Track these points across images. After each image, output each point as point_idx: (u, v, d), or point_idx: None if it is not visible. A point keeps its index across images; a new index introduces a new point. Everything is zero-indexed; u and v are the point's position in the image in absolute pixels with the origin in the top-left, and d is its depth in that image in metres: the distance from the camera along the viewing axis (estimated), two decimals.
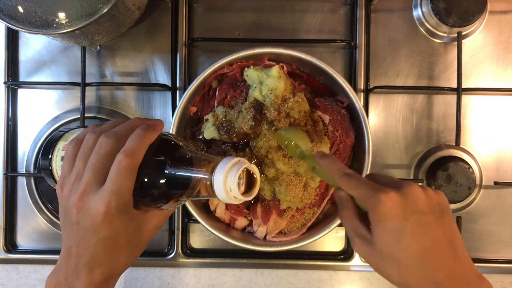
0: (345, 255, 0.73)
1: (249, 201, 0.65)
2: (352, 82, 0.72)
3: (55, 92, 0.75)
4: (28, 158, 0.74)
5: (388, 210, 0.43)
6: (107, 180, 0.42)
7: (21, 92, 0.75)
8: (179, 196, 0.43)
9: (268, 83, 0.61)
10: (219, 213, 0.66)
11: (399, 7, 0.74)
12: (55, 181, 0.55)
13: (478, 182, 0.73)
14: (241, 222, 0.66)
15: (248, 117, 0.60)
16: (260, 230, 0.65)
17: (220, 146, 0.62)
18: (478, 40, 0.74)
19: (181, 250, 0.72)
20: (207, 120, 0.63)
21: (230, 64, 0.64)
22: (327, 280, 0.74)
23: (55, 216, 0.74)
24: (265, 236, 0.66)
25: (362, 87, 0.72)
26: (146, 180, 0.43)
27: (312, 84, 0.68)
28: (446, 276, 0.43)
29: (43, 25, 0.58)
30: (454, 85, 0.71)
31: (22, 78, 0.75)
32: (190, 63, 0.73)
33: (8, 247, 0.73)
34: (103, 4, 0.58)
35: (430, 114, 0.74)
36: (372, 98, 0.73)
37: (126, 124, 0.46)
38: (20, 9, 0.57)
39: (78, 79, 0.71)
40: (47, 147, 0.55)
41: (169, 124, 0.63)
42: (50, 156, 0.54)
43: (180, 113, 0.63)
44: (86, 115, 0.72)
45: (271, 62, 0.64)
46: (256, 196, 0.64)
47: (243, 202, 0.64)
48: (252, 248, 0.62)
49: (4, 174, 0.73)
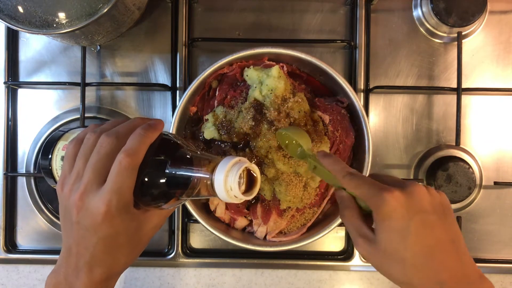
0: (345, 255, 0.73)
1: (249, 201, 0.65)
2: (352, 82, 0.72)
3: (55, 92, 0.75)
4: (28, 158, 0.74)
5: (393, 209, 0.43)
6: (108, 179, 0.42)
7: (21, 92, 0.75)
8: (179, 195, 0.43)
9: (268, 83, 0.61)
10: (219, 213, 0.66)
11: (399, 7, 0.74)
12: (55, 181, 0.55)
13: (478, 182, 0.73)
14: (241, 222, 0.66)
15: (248, 117, 0.60)
16: (260, 230, 0.65)
17: (220, 146, 0.62)
18: (478, 40, 0.74)
19: (181, 250, 0.72)
20: (207, 120, 0.63)
21: (230, 64, 0.64)
22: (327, 280, 0.74)
23: (55, 216, 0.74)
24: (265, 236, 0.66)
25: (362, 87, 0.72)
26: (147, 179, 0.43)
27: (312, 84, 0.68)
28: (449, 275, 0.43)
29: (43, 25, 0.58)
30: (454, 85, 0.71)
31: (22, 78, 0.75)
32: (190, 63, 0.73)
33: (8, 247, 0.73)
34: (103, 4, 0.58)
35: (430, 114, 0.74)
36: (372, 98, 0.73)
37: (126, 124, 0.46)
38: (20, 9, 0.57)
39: (78, 79, 0.71)
40: (47, 147, 0.55)
41: (169, 124, 0.63)
42: (50, 156, 0.54)
43: (180, 113, 0.63)
44: (86, 115, 0.72)
45: (271, 62, 0.64)
46: (256, 196, 0.64)
47: (243, 202, 0.64)
48: (252, 248, 0.62)
49: (4, 174, 0.73)
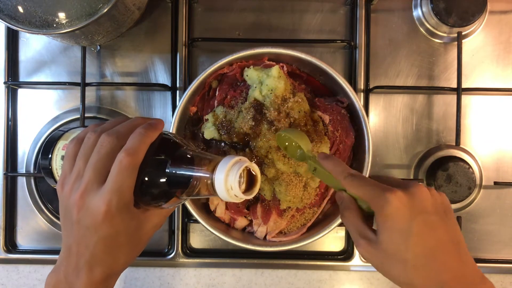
0: (345, 255, 0.73)
1: (249, 201, 0.65)
2: (352, 82, 0.72)
3: (55, 92, 0.75)
4: (28, 158, 0.74)
5: (395, 210, 0.43)
6: (108, 178, 0.42)
7: (21, 92, 0.75)
8: (179, 194, 0.43)
9: (268, 83, 0.61)
10: (219, 213, 0.66)
11: (399, 7, 0.74)
12: (55, 180, 0.55)
13: (478, 182, 0.73)
14: (241, 222, 0.66)
15: (248, 117, 0.60)
16: (260, 230, 0.65)
17: (220, 146, 0.62)
18: (478, 40, 0.74)
19: (181, 250, 0.72)
20: (207, 120, 0.63)
21: (230, 64, 0.64)
22: (327, 280, 0.74)
23: (55, 216, 0.74)
24: (265, 236, 0.65)
25: (362, 87, 0.72)
26: (147, 179, 0.43)
27: (312, 84, 0.68)
28: (451, 276, 0.43)
29: (43, 25, 0.58)
30: (454, 85, 0.71)
31: (22, 78, 0.75)
32: (190, 63, 0.73)
33: (8, 247, 0.73)
34: (103, 4, 0.58)
35: (430, 114, 0.74)
36: (372, 98, 0.73)
37: (127, 123, 0.46)
38: (20, 9, 0.57)
39: (78, 79, 0.71)
40: (47, 146, 0.54)
41: (169, 124, 0.63)
42: (50, 156, 0.54)
43: (180, 113, 0.63)
44: (86, 115, 0.72)
45: (271, 62, 0.64)
46: (256, 196, 0.64)
47: (243, 202, 0.64)
48: (252, 248, 0.62)
49: (4, 174, 0.73)
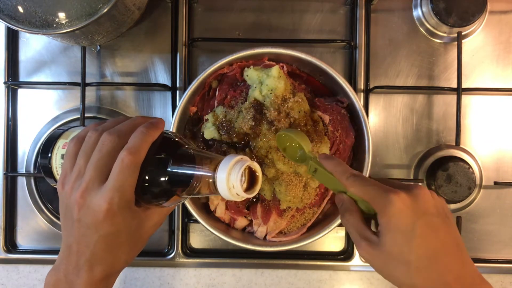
0: (345, 255, 0.73)
1: (249, 200, 0.65)
2: (352, 82, 0.72)
3: (55, 92, 0.75)
4: (28, 158, 0.74)
5: (399, 211, 0.43)
6: (110, 177, 0.42)
7: (21, 92, 0.75)
8: (180, 193, 0.43)
9: (268, 83, 0.61)
10: (219, 213, 0.66)
11: (399, 7, 0.74)
12: (54, 179, 0.55)
13: (478, 182, 0.73)
14: (241, 222, 0.66)
15: (248, 117, 0.60)
16: (260, 230, 0.65)
17: (220, 146, 0.62)
18: (478, 40, 0.74)
19: (181, 250, 0.72)
20: (207, 120, 0.63)
21: (230, 64, 0.64)
22: (327, 280, 0.74)
23: (55, 216, 0.74)
24: (265, 236, 0.66)
25: (362, 87, 0.72)
26: (149, 177, 0.43)
27: (312, 84, 0.68)
28: (453, 278, 0.43)
29: (43, 25, 0.58)
30: (454, 85, 0.71)
31: (22, 78, 0.75)
32: (190, 63, 0.73)
33: (8, 247, 0.73)
34: (103, 4, 0.58)
35: (430, 114, 0.74)
36: (372, 98, 0.73)
37: (128, 122, 0.46)
38: (20, 9, 0.57)
39: (78, 79, 0.71)
40: (47, 145, 0.54)
41: (169, 124, 0.63)
42: (49, 154, 0.53)
43: (180, 113, 0.63)
44: (86, 115, 0.72)
45: (271, 62, 0.64)
46: (256, 196, 0.64)
47: (243, 202, 0.64)
48: (252, 248, 0.62)
49: (4, 174, 0.73)
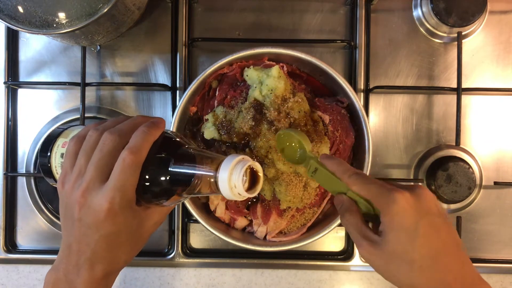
0: (345, 255, 0.73)
1: (249, 200, 0.65)
2: (352, 82, 0.72)
3: (55, 92, 0.75)
4: (28, 158, 0.74)
5: (403, 209, 0.43)
6: (111, 176, 0.42)
7: (21, 92, 0.75)
8: (181, 192, 0.43)
9: (268, 83, 0.61)
10: (219, 213, 0.66)
11: (399, 7, 0.74)
12: (54, 178, 0.55)
13: (478, 182, 0.73)
14: (241, 222, 0.66)
15: (248, 117, 0.60)
16: (260, 230, 0.65)
17: (220, 146, 0.62)
18: (478, 40, 0.74)
19: (181, 250, 0.72)
20: (207, 120, 0.63)
21: (230, 64, 0.64)
22: (327, 280, 0.74)
23: (55, 216, 0.74)
24: (265, 236, 0.66)
25: (362, 87, 0.72)
26: (150, 177, 0.43)
27: (312, 84, 0.68)
28: (454, 278, 0.43)
29: (43, 25, 0.58)
30: (454, 85, 0.71)
31: (22, 78, 0.75)
32: (190, 63, 0.73)
33: (8, 247, 0.73)
34: (103, 4, 0.58)
35: (430, 114, 0.74)
36: (372, 98, 0.73)
37: (129, 122, 0.46)
38: (20, 9, 0.57)
39: (78, 79, 0.71)
40: (46, 144, 0.54)
41: (169, 124, 0.63)
42: (49, 153, 0.53)
43: (180, 113, 0.63)
44: (86, 115, 0.72)
45: (271, 62, 0.64)
46: (256, 196, 0.64)
47: (243, 202, 0.64)
48: (252, 248, 0.62)
49: (4, 174, 0.73)
